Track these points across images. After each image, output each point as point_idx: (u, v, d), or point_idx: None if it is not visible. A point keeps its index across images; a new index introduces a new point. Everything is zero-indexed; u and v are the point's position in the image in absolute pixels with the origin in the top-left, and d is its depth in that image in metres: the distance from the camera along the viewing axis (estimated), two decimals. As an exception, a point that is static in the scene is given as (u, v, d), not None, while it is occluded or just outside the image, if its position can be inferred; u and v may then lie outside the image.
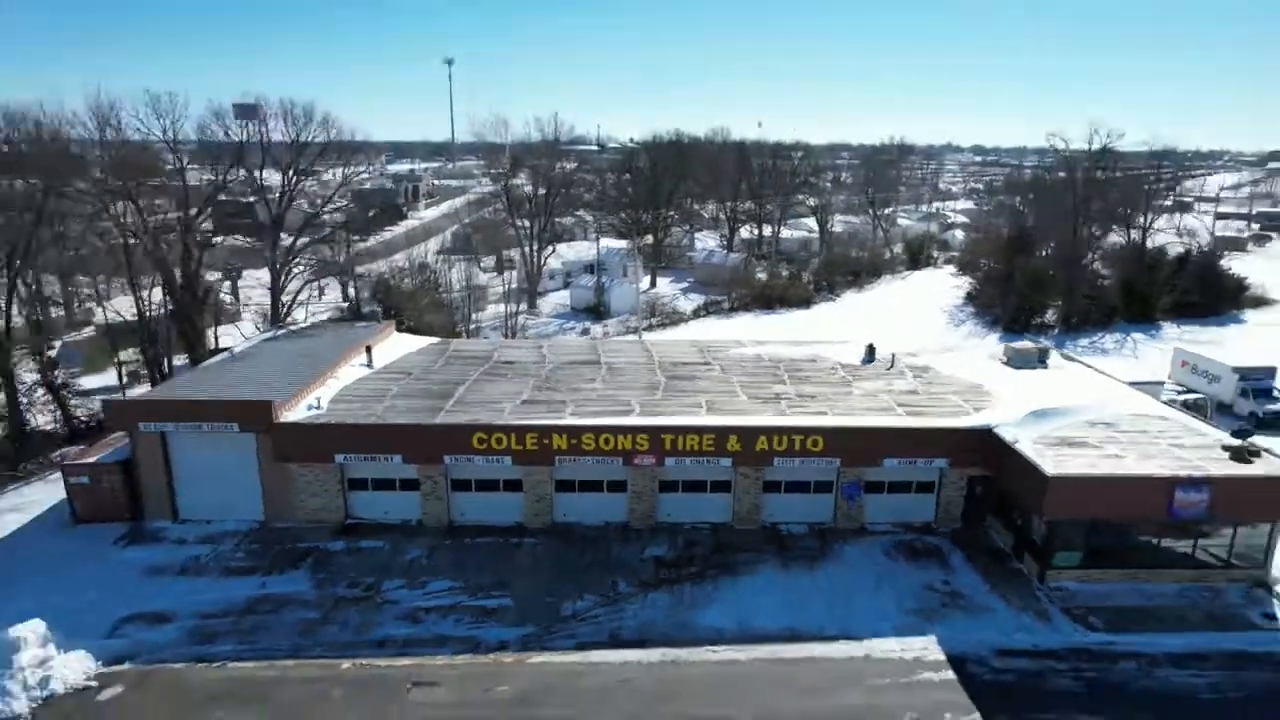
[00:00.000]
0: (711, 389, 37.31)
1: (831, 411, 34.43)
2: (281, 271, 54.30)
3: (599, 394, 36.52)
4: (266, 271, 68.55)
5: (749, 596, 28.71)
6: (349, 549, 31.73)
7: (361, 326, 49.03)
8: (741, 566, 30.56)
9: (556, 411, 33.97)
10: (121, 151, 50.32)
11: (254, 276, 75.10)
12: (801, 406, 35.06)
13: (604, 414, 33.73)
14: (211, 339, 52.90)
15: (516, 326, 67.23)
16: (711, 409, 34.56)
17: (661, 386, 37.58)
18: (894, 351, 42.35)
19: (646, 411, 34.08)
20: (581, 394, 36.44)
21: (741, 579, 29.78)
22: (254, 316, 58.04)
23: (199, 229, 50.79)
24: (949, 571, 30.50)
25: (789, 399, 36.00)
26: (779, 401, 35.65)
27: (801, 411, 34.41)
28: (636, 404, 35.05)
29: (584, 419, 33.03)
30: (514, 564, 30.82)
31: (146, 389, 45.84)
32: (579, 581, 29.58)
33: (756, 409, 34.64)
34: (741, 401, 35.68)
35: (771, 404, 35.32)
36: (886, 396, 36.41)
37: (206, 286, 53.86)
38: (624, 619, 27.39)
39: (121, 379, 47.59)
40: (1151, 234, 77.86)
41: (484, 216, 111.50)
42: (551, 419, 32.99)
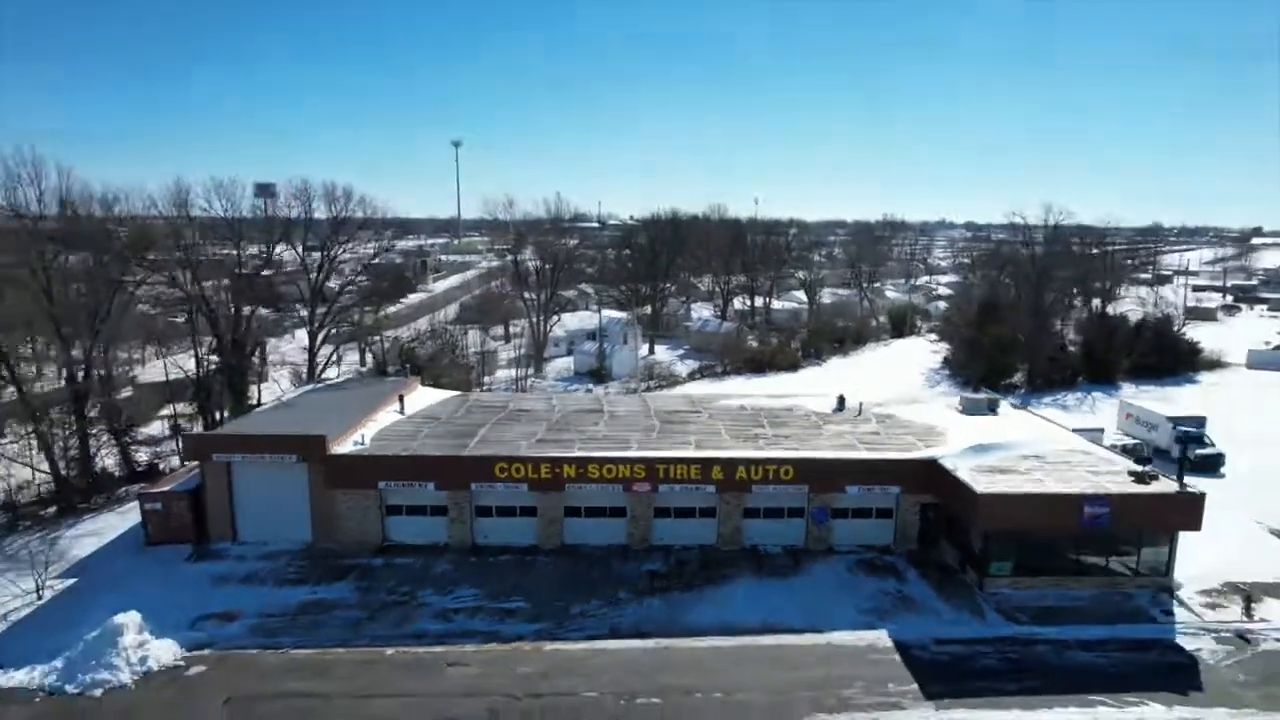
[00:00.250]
0: (700, 431, 42.89)
1: (802, 447, 39.95)
2: (317, 334, 60.49)
3: (603, 435, 42.11)
4: (284, 339, 75.51)
5: (730, 601, 33.75)
6: (386, 565, 36.86)
7: (390, 381, 54.93)
8: (724, 579, 35.62)
9: (566, 447, 39.49)
10: (187, 228, 57.22)
11: (272, 345, 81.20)
12: (777, 444, 40.59)
13: (607, 449, 39.26)
14: (255, 393, 58.73)
15: (526, 387, 72.91)
16: (700, 446, 40.08)
17: (656, 429, 43.17)
18: (861, 401, 48.05)
19: (643, 447, 39.63)
20: (587, 434, 42.02)
21: (724, 588, 34.84)
22: (289, 375, 63.94)
23: (248, 293, 57.18)
24: (903, 583, 35.55)
25: (767, 438, 41.55)
26: (758, 440, 41.18)
27: (776, 447, 39.94)
28: (635, 442, 40.60)
29: (590, 452, 38.58)
30: (529, 576, 35.90)
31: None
32: (585, 589, 34.64)
33: (738, 446, 40.15)
34: (726, 440, 41.22)
35: (751, 442, 40.85)
36: (851, 436, 41.98)
37: (255, 341, 59.96)
38: (624, 617, 32.42)
39: (177, 427, 53.28)
40: (1116, 302, 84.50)
41: (491, 289, 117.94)
42: (562, 452, 38.50)
